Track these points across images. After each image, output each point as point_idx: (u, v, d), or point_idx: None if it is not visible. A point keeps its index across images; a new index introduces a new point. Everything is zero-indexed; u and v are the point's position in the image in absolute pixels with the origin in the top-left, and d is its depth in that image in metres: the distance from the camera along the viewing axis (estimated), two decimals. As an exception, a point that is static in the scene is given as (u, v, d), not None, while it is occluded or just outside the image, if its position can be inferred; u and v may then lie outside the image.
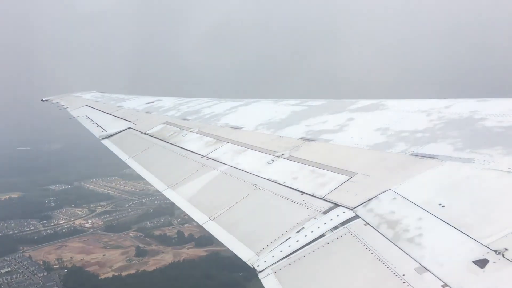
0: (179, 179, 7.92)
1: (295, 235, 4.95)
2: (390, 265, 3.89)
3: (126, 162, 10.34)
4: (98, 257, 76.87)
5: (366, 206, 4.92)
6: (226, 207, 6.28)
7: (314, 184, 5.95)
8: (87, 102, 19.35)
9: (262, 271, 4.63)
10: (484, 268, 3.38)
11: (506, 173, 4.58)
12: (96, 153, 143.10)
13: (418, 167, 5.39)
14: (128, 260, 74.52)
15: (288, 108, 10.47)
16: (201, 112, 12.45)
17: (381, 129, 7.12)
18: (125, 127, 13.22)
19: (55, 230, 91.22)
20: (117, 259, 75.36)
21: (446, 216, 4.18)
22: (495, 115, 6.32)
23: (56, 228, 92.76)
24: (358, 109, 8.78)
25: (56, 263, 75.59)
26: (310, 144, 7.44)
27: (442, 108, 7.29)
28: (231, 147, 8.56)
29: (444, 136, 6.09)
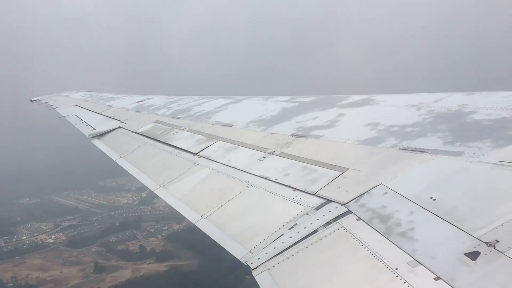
0: (170, 177, 7.89)
1: (288, 232, 4.96)
2: (383, 259, 3.91)
3: (117, 162, 10.27)
4: (55, 274, 72.78)
5: (358, 201, 4.95)
6: (218, 205, 6.27)
7: (306, 180, 5.96)
8: (76, 102, 19.21)
9: (255, 268, 4.64)
10: (476, 260, 3.42)
11: (496, 166, 4.63)
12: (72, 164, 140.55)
13: (409, 162, 5.42)
14: (85, 278, 71.18)
15: (279, 104, 10.47)
16: (192, 110, 12.42)
17: (371, 124, 7.15)
18: (115, 126, 13.14)
19: (16, 246, 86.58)
20: (74, 276, 72.05)
21: (438, 210, 4.21)
22: (484, 108, 6.38)
23: (18, 244, 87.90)
24: (348, 105, 8.80)
25: (10, 282, 70.81)
26: (301, 140, 7.45)
27: (431, 102, 7.34)
28: (222, 144, 8.55)
29: (434, 130, 6.13)
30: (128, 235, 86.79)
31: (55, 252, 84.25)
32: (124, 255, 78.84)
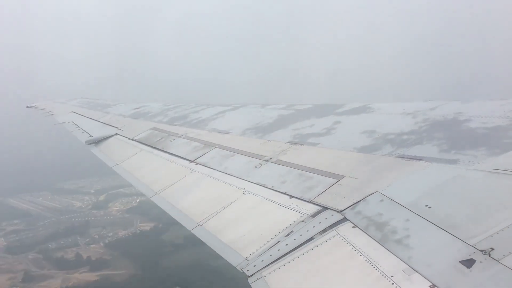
0: (167, 184, 7.88)
1: (284, 239, 4.96)
2: (378, 267, 3.91)
3: (113, 169, 10.26)
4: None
5: (354, 209, 4.96)
6: (215, 212, 6.26)
7: (302, 188, 5.97)
8: (73, 108, 19.18)
9: (251, 276, 4.63)
10: (471, 268, 3.42)
11: (491, 173, 4.65)
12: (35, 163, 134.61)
13: (405, 169, 5.44)
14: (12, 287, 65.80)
15: (275, 112, 10.50)
16: (189, 117, 12.43)
17: (367, 131, 7.18)
18: (112, 133, 13.12)
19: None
20: (1, 285, 66.31)
21: (433, 217, 4.22)
22: (479, 117, 6.42)
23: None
24: (344, 112, 8.84)
25: None
26: (298, 147, 7.47)
27: (427, 110, 7.38)
28: (219, 151, 8.56)
29: (429, 138, 6.16)
30: (70, 241, 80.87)
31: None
32: (59, 263, 73.21)
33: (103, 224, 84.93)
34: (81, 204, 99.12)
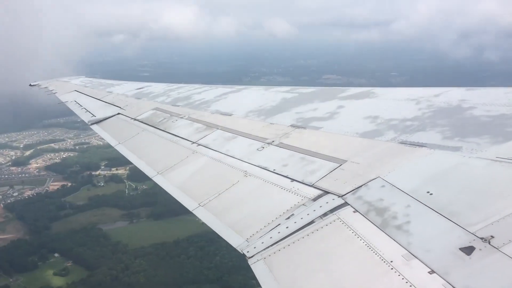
0: (169, 165, 7.90)
1: (285, 222, 4.98)
2: (378, 252, 3.94)
3: (116, 148, 10.27)
4: None
5: (355, 194, 4.97)
6: (216, 194, 6.29)
7: (304, 171, 5.97)
8: (76, 87, 19.14)
9: (251, 257, 4.66)
10: (470, 255, 3.44)
11: (493, 162, 4.65)
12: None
13: (407, 155, 5.44)
14: None
15: (279, 95, 10.46)
16: (191, 99, 12.40)
17: (371, 117, 7.15)
18: (114, 112, 13.12)
19: None
20: None
21: (434, 204, 4.23)
22: (483, 104, 6.39)
23: None
24: (348, 97, 8.80)
25: None
26: (300, 131, 7.45)
27: (431, 97, 7.34)
28: (221, 133, 8.55)
29: (433, 125, 6.14)
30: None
31: None
32: None
33: (15, 182, 79.51)
34: (2, 159, 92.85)
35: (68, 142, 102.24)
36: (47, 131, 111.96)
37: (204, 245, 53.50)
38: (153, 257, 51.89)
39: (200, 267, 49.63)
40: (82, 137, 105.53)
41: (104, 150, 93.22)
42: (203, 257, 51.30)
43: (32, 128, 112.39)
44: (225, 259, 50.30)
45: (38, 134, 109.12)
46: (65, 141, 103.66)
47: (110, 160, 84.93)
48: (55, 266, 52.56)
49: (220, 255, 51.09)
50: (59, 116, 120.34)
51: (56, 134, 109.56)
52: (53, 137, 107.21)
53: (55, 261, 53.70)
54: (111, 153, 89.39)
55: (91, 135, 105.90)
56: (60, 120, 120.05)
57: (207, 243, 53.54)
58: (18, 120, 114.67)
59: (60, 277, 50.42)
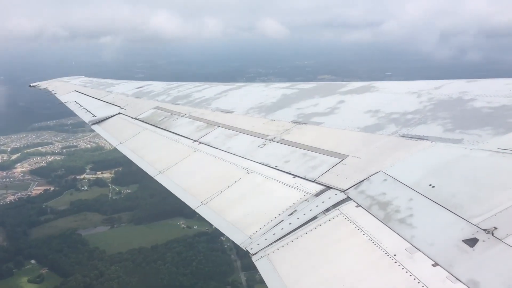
0: (170, 164, 7.90)
1: (288, 218, 4.98)
2: (381, 246, 3.94)
3: (117, 148, 10.28)
4: None
5: (358, 188, 4.97)
6: (218, 191, 6.29)
7: (305, 167, 5.97)
8: (75, 88, 19.12)
9: (255, 254, 4.67)
10: (474, 247, 3.44)
11: (495, 153, 4.64)
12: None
13: (409, 149, 5.43)
14: None
15: (279, 91, 10.45)
16: (192, 97, 12.38)
17: (371, 111, 7.15)
18: (115, 112, 13.11)
19: None
20: None
21: (436, 197, 4.23)
22: (484, 96, 6.38)
23: None
24: (348, 92, 8.78)
25: None
26: (302, 127, 7.45)
27: (432, 90, 7.33)
28: (223, 131, 8.55)
29: (434, 117, 6.13)
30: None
31: None
32: None
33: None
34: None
35: (56, 146, 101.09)
36: (36, 134, 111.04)
37: (181, 251, 53.13)
38: (129, 263, 51.32)
39: (176, 273, 49.18)
40: (71, 140, 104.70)
41: (91, 153, 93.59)
42: (179, 263, 50.83)
43: (21, 131, 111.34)
44: (202, 264, 50.05)
45: (27, 137, 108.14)
46: (53, 144, 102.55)
47: (96, 163, 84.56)
48: (31, 273, 51.92)
49: (197, 261, 50.72)
50: (50, 118, 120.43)
51: (44, 137, 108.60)
52: (41, 140, 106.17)
53: (31, 268, 52.97)
54: (97, 156, 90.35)
55: (79, 138, 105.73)
56: (50, 122, 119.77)
57: (185, 248, 53.29)
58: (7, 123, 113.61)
59: (34, 285, 49.94)
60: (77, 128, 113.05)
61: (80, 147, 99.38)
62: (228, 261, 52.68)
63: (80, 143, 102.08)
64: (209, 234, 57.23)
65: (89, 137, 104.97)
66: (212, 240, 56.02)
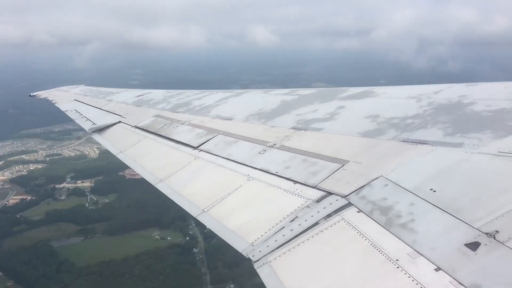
0: (171, 172, 7.90)
1: (289, 224, 4.98)
2: (383, 251, 3.93)
3: (117, 156, 10.28)
4: None
5: (359, 194, 4.96)
6: (219, 199, 6.28)
7: (306, 173, 5.97)
8: (75, 97, 19.17)
9: (257, 261, 4.66)
10: (476, 251, 3.44)
11: (496, 157, 4.64)
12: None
13: (409, 153, 5.43)
14: None
15: (278, 97, 10.46)
16: (191, 104, 12.41)
17: (371, 116, 7.15)
18: (115, 121, 13.13)
19: None
20: None
21: (438, 201, 4.23)
22: (484, 99, 6.38)
23: None
24: (348, 97, 8.80)
25: None
26: (301, 133, 7.45)
27: (431, 94, 7.34)
28: (223, 138, 8.55)
29: (434, 122, 6.14)
30: None
31: None
32: None
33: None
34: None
35: (40, 154, 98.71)
36: (21, 142, 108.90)
37: (151, 263, 51.62)
38: (96, 276, 49.71)
39: (142, 287, 47.78)
40: (56, 148, 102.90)
41: (74, 162, 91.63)
42: (147, 277, 49.21)
43: (8, 139, 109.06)
44: (169, 278, 48.78)
45: (12, 144, 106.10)
46: (37, 152, 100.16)
47: (77, 172, 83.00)
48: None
49: (164, 274, 49.36)
50: (38, 125, 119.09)
51: (29, 145, 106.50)
52: (26, 148, 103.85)
53: None
54: (80, 165, 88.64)
55: (64, 146, 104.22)
56: (38, 130, 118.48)
57: (155, 261, 51.93)
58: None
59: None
60: (64, 136, 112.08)
61: (64, 155, 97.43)
62: (197, 274, 51.09)
63: (64, 151, 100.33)
64: (182, 246, 56.46)
65: (74, 145, 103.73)
66: (184, 253, 55.04)
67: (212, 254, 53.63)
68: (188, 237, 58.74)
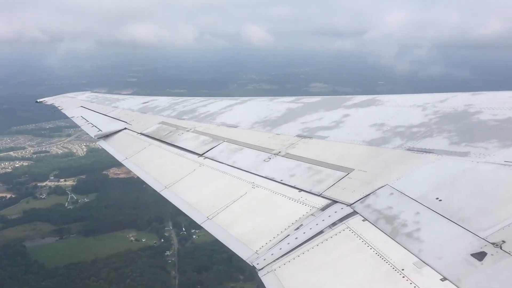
0: (176, 178, 7.91)
1: (294, 233, 4.96)
2: (389, 260, 3.91)
3: (123, 163, 10.31)
4: None
5: (364, 202, 4.95)
6: (224, 206, 6.28)
7: (311, 181, 5.96)
8: (81, 103, 19.28)
9: (261, 269, 4.65)
10: (482, 260, 3.41)
11: (502, 166, 4.62)
12: None
13: (415, 162, 5.41)
14: None
15: (284, 105, 10.47)
16: (197, 111, 12.44)
17: (377, 124, 7.14)
18: (121, 127, 13.18)
19: None
20: None
21: (444, 210, 4.21)
22: (490, 108, 6.36)
23: None
24: (353, 105, 8.79)
25: None
26: (307, 141, 7.45)
27: (437, 103, 7.32)
28: (228, 145, 8.56)
29: (439, 130, 6.12)
30: None
31: None
32: None
33: None
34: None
35: (28, 150, 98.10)
36: (11, 138, 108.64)
37: (120, 266, 50.59)
38: (62, 279, 48.60)
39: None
40: (44, 145, 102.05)
41: (59, 159, 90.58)
42: (113, 280, 48.17)
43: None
44: (136, 282, 47.79)
45: (1, 141, 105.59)
46: (25, 149, 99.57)
47: (62, 170, 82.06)
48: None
49: (131, 278, 48.31)
50: (30, 122, 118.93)
51: (19, 142, 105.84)
52: (15, 144, 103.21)
53: None
54: (65, 163, 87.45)
55: (53, 143, 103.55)
56: (29, 126, 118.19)
57: (125, 264, 50.91)
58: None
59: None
60: (54, 133, 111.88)
61: (51, 153, 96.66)
62: (166, 278, 50.08)
63: (52, 148, 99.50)
64: (155, 248, 55.68)
65: (64, 143, 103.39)
66: (156, 255, 54.14)
67: (184, 258, 53.04)
68: (163, 239, 58.02)
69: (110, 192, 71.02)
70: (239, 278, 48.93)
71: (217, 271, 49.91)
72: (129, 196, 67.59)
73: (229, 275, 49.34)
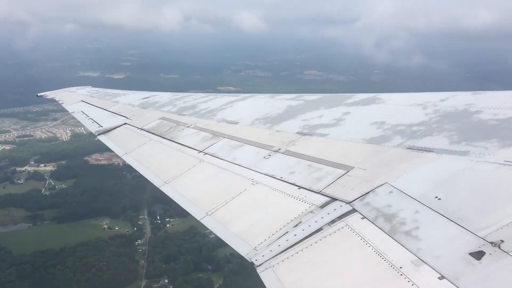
0: (176, 174, 7.91)
1: (293, 229, 4.97)
2: (387, 258, 3.92)
3: (123, 158, 10.31)
4: None
5: (363, 200, 4.95)
6: (223, 202, 6.29)
7: (311, 179, 5.97)
8: (82, 98, 19.24)
9: (260, 265, 4.66)
10: (480, 260, 3.42)
11: (502, 166, 4.62)
12: None
13: (415, 161, 5.42)
14: None
15: (284, 102, 10.47)
16: (197, 107, 12.43)
17: (377, 123, 7.14)
18: (121, 122, 13.17)
19: None
20: None
21: (443, 209, 4.21)
22: (490, 108, 6.36)
23: None
24: (354, 103, 8.79)
25: None
26: (307, 138, 7.45)
27: (437, 102, 7.32)
28: (228, 142, 8.56)
29: (440, 129, 6.12)
30: None
31: None
32: None
33: None
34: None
35: (11, 134, 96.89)
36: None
37: (86, 255, 49.82)
38: (28, 266, 47.66)
39: (71, 279, 45.95)
40: (29, 129, 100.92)
41: (42, 144, 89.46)
42: (78, 269, 47.39)
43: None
44: (101, 271, 47.11)
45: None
46: (10, 132, 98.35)
47: (43, 155, 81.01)
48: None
49: (97, 267, 47.63)
50: (18, 105, 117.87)
51: (4, 125, 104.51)
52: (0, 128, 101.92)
53: None
54: (47, 147, 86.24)
55: (38, 127, 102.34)
56: (16, 109, 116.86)
57: (92, 252, 50.18)
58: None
59: None
60: (40, 117, 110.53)
61: (35, 137, 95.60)
62: (133, 268, 49.32)
63: (37, 132, 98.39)
64: (127, 236, 55.08)
65: (49, 127, 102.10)
66: (126, 244, 53.48)
67: (154, 247, 52.54)
68: (136, 228, 57.53)
69: (89, 178, 69.95)
70: (207, 268, 48.88)
71: (185, 261, 49.46)
72: (107, 183, 66.96)
73: (198, 265, 49.08)
